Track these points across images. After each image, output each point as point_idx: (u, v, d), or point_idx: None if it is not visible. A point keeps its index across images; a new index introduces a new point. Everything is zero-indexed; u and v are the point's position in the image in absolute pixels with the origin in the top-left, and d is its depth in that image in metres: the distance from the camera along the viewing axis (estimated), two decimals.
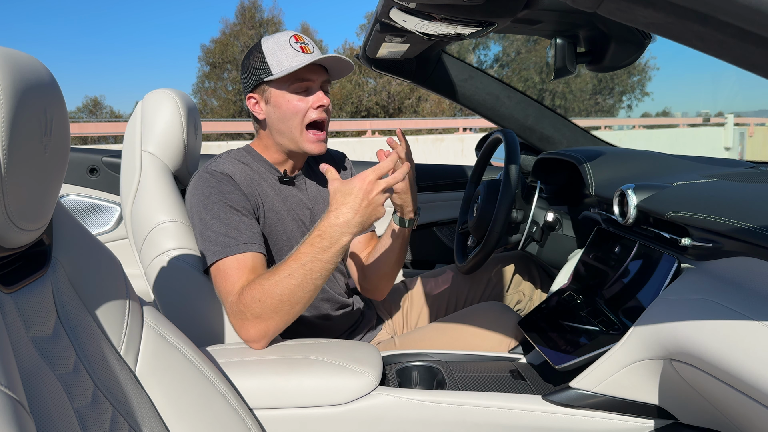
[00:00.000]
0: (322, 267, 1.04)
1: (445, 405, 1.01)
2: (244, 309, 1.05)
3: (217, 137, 12.91)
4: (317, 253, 1.03)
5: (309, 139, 1.24)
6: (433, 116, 23.23)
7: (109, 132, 13.12)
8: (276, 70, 1.19)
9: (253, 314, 1.05)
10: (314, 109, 1.22)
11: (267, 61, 1.20)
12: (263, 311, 1.04)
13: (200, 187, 1.19)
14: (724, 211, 0.88)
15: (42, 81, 0.61)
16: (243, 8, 26.72)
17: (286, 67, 1.18)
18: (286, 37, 1.22)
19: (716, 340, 0.75)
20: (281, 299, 1.03)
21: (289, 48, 1.19)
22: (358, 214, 1.02)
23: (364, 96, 25.85)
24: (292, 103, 1.21)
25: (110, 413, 0.68)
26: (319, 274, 1.04)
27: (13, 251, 0.62)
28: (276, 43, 1.21)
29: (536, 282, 1.73)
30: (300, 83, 1.21)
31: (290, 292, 1.03)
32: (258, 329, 1.06)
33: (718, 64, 10.71)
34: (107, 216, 2.12)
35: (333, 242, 1.03)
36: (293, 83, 1.21)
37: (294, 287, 1.03)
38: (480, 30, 1.03)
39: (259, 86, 1.24)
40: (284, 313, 1.05)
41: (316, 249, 1.03)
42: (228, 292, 1.09)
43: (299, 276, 1.03)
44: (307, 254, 1.03)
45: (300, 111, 1.22)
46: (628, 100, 30.31)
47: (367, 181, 1.03)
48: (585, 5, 0.48)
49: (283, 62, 1.19)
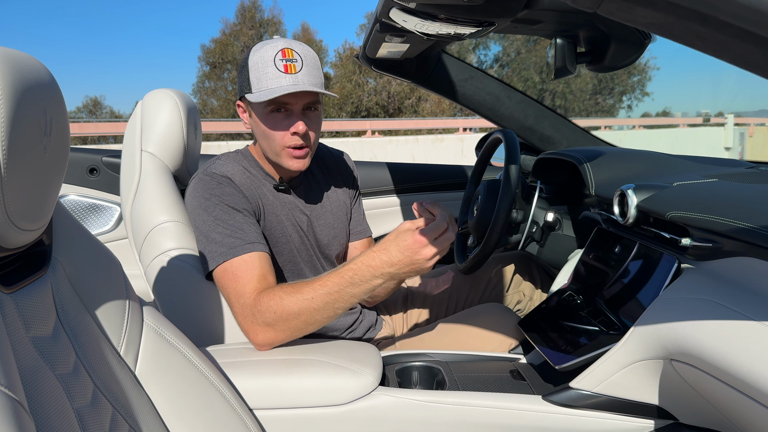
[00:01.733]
0: (347, 300, 1.04)
1: (445, 405, 1.01)
2: (257, 314, 1.05)
3: (217, 137, 12.91)
4: (345, 286, 1.02)
5: (288, 155, 1.20)
6: (433, 116, 23.24)
7: (109, 132, 13.12)
8: (254, 89, 1.14)
9: (265, 322, 1.05)
10: (290, 135, 1.17)
11: (249, 77, 1.15)
12: (276, 322, 1.05)
13: (200, 189, 1.19)
14: (724, 211, 0.88)
15: (42, 81, 0.60)
16: (243, 8, 26.74)
17: (263, 88, 1.13)
18: (273, 52, 1.14)
19: (716, 340, 0.75)
20: (298, 317, 1.04)
21: (271, 67, 1.13)
22: (395, 267, 1.00)
23: (364, 96, 25.85)
24: (268, 126, 1.17)
25: (110, 413, 0.68)
26: (341, 305, 1.04)
27: (13, 251, 0.62)
28: (260, 59, 1.14)
29: (536, 282, 1.73)
30: (277, 105, 1.15)
31: (309, 314, 1.04)
32: (267, 336, 1.07)
33: (718, 64, 10.74)
34: (107, 216, 2.12)
35: (363, 281, 1.02)
36: (270, 105, 1.15)
37: (313, 310, 1.03)
38: (480, 30, 1.03)
39: (243, 98, 1.21)
40: (297, 330, 1.06)
41: (345, 282, 1.02)
42: (239, 293, 1.08)
43: (321, 302, 1.03)
44: (336, 284, 1.03)
45: (277, 135, 1.17)
46: (628, 100, 30.35)
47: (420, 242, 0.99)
48: (585, 5, 0.48)
49: (262, 82, 1.13)
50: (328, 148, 1.48)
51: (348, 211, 1.44)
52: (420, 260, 0.99)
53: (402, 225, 1.04)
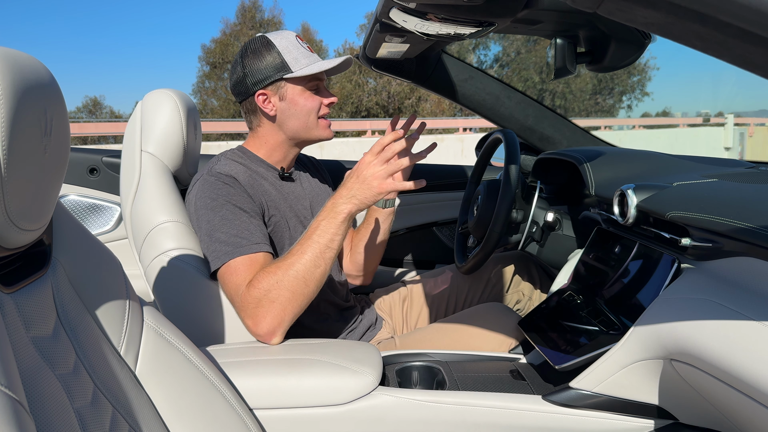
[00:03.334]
0: (330, 238, 1.11)
1: (445, 405, 1.01)
2: (258, 295, 1.08)
3: (217, 137, 12.92)
4: (321, 225, 1.11)
5: (324, 126, 1.33)
6: (433, 116, 23.22)
7: (109, 132, 13.13)
8: (295, 68, 1.25)
9: (269, 299, 1.08)
10: (326, 106, 1.32)
11: (285, 59, 1.25)
12: (279, 294, 1.08)
13: (206, 190, 1.20)
14: (724, 211, 0.88)
15: (42, 81, 0.60)
16: (243, 8, 26.75)
17: (303, 65, 1.25)
18: (292, 36, 1.29)
19: (716, 340, 0.75)
20: (296, 276, 1.08)
21: (301, 48, 1.28)
22: (349, 189, 1.11)
23: (364, 96, 25.84)
24: (310, 100, 1.29)
25: (110, 413, 0.68)
26: (328, 247, 1.11)
27: (13, 251, 0.62)
28: (288, 42, 1.27)
29: (536, 282, 1.73)
30: (315, 82, 1.30)
31: (305, 269, 1.09)
32: (273, 316, 1.08)
33: (718, 64, 10.74)
34: (107, 216, 2.12)
35: (337, 212, 1.11)
36: (310, 81, 1.29)
37: (307, 263, 1.09)
38: (480, 30, 1.03)
39: (273, 83, 1.26)
40: (300, 294, 1.09)
41: (318, 222, 1.12)
42: (238, 285, 1.11)
43: (311, 251, 1.10)
44: (316, 228, 1.12)
45: (316, 107, 1.30)
46: (628, 100, 30.34)
47: (362, 160, 1.12)
48: (585, 5, 0.48)
49: (300, 61, 1.26)
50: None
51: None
52: (369, 177, 1.09)
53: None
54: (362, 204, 1.12)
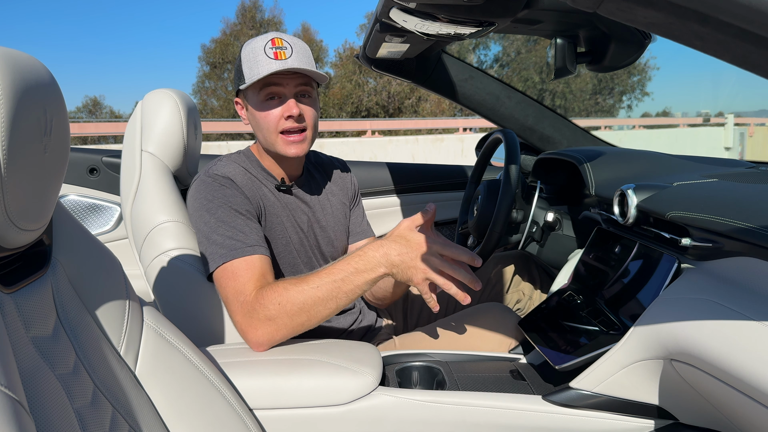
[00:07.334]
0: (351, 289, 1.05)
1: (445, 405, 1.01)
2: (259, 308, 1.05)
3: (217, 137, 12.91)
4: (350, 273, 1.04)
5: (284, 142, 1.21)
6: (433, 116, 23.23)
7: (109, 132, 13.11)
8: (247, 78, 1.17)
9: (267, 316, 1.04)
10: (284, 119, 1.19)
11: (242, 68, 1.19)
12: (279, 315, 1.04)
13: (203, 191, 1.19)
14: (724, 211, 0.88)
15: (42, 81, 0.60)
16: (244, 8, 26.75)
17: (254, 75, 1.15)
18: (264, 42, 1.18)
19: (716, 340, 0.75)
20: (302, 308, 1.04)
21: (261, 55, 1.16)
22: (400, 257, 1.04)
23: (364, 96, 25.84)
24: (263, 112, 1.20)
25: (110, 413, 0.68)
26: (345, 295, 1.05)
27: (13, 251, 0.62)
28: (251, 50, 1.18)
29: (536, 282, 1.73)
30: (270, 90, 1.17)
31: (313, 303, 1.04)
32: (267, 331, 1.06)
33: (718, 64, 10.73)
34: (107, 216, 2.12)
35: (368, 269, 1.04)
36: (262, 90, 1.17)
37: (318, 299, 1.04)
38: (480, 30, 1.03)
39: (240, 92, 1.24)
40: (298, 323, 1.05)
41: (351, 268, 1.04)
42: (239, 291, 1.08)
43: (326, 290, 1.04)
44: (342, 271, 1.05)
45: (271, 120, 1.19)
46: (628, 100, 30.34)
47: (430, 245, 1.03)
48: (585, 5, 0.48)
49: (253, 70, 1.16)
50: (328, 156, 1.51)
51: (347, 213, 1.45)
52: (417, 263, 1.02)
53: (401, 222, 1.06)
54: (395, 275, 1.06)
